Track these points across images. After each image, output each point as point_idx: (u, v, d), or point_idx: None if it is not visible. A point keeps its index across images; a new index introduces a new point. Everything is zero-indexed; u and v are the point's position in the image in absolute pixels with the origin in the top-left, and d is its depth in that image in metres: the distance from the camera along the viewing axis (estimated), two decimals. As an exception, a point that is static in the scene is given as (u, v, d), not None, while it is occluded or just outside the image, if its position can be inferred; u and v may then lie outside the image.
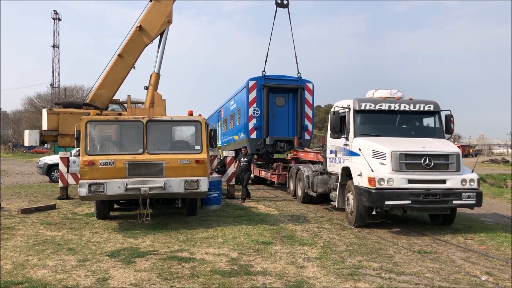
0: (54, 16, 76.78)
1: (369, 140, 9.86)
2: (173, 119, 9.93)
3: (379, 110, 10.23)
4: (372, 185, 8.91)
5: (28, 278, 5.97)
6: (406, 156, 9.10)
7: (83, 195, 8.87)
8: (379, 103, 10.24)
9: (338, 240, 8.50)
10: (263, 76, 17.13)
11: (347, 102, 10.68)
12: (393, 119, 10.44)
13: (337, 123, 10.42)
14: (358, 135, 10.16)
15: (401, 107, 10.25)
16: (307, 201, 13.57)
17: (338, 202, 10.50)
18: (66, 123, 14.46)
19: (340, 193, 10.48)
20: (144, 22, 15.27)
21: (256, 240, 8.33)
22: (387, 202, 8.82)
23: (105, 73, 15.44)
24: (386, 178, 8.90)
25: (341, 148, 10.82)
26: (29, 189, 17.21)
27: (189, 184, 9.25)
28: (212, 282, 5.84)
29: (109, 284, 5.77)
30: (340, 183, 10.42)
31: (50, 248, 7.65)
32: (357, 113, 10.29)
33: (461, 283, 5.96)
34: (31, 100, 69.77)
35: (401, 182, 8.93)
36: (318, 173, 12.71)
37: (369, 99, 10.54)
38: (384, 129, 10.33)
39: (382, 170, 9.08)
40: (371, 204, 9.10)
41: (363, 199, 9.16)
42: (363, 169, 9.27)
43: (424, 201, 8.88)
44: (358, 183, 9.37)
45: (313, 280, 5.99)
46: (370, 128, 10.34)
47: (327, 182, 12.07)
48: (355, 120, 10.27)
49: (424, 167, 9.05)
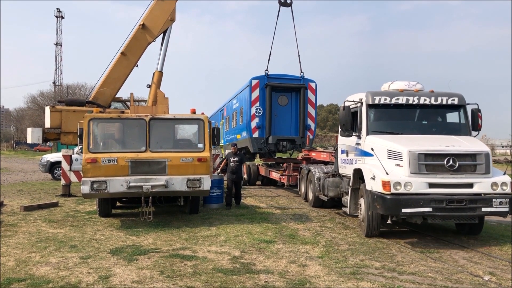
0: (57, 14, 76.87)
1: (384, 138, 8.80)
2: (176, 117, 9.93)
3: (396, 104, 9.12)
4: (386, 190, 7.82)
5: (30, 275, 5.98)
6: (426, 157, 8.00)
7: (86, 192, 8.88)
8: (395, 96, 9.11)
9: (340, 239, 8.49)
10: (266, 75, 17.12)
11: (359, 95, 9.60)
12: (412, 114, 9.36)
13: (348, 120, 9.37)
14: (371, 132, 9.08)
15: (420, 101, 9.10)
16: (318, 205, 12.50)
17: (350, 208, 9.45)
18: (69, 121, 14.49)
19: (352, 198, 9.41)
20: (147, 21, 15.30)
21: (258, 238, 8.32)
22: (404, 209, 7.71)
23: (108, 71, 15.48)
24: (403, 182, 7.81)
25: (353, 148, 9.74)
26: (32, 187, 17.24)
27: (192, 183, 9.25)
28: (214, 280, 5.84)
29: (111, 281, 5.78)
30: (352, 187, 9.37)
31: (53, 245, 7.66)
32: (371, 108, 9.19)
33: (464, 283, 5.95)
34: (34, 98, 69.88)
35: (420, 187, 7.84)
36: (330, 175, 11.69)
37: (384, 92, 9.46)
38: (401, 126, 9.23)
39: (398, 172, 8.03)
40: (386, 211, 7.99)
41: (376, 205, 8.07)
42: (376, 171, 8.21)
43: (447, 209, 7.76)
44: (371, 187, 8.30)
45: (315, 279, 5.98)
46: (385, 125, 9.27)
47: (338, 185, 10.94)
48: (368, 116, 9.19)
49: (447, 169, 7.95)
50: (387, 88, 9.70)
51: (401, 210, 7.75)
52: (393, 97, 9.12)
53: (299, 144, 17.08)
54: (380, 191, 7.96)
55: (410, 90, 9.37)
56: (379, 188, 7.99)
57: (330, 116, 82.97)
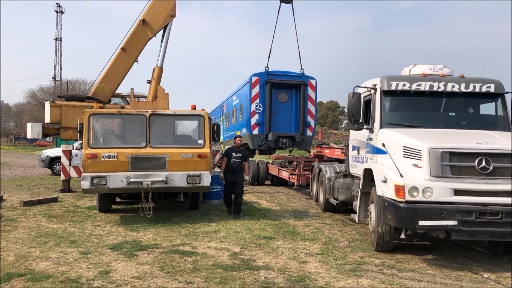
0: (57, 9, 76.57)
1: (400, 132, 7.36)
2: (176, 113, 9.92)
3: (417, 92, 7.70)
4: (400, 197, 6.35)
5: (30, 270, 5.98)
6: (452, 156, 6.45)
7: (86, 188, 8.88)
8: (416, 82, 7.71)
9: (340, 235, 8.50)
10: (266, 71, 17.06)
11: (373, 81, 8.23)
12: (437, 104, 7.91)
13: (358, 109, 7.83)
14: (385, 125, 7.65)
15: (447, 87, 7.66)
16: (329, 209, 11.11)
17: (359, 215, 8.05)
18: (68, 116, 14.47)
19: (362, 203, 8.02)
20: (148, 16, 15.24)
21: (258, 235, 8.33)
22: (421, 221, 6.22)
23: (108, 66, 15.44)
24: (421, 187, 6.31)
25: (364, 143, 8.37)
26: (31, 182, 17.24)
27: (192, 178, 9.25)
28: (214, 276, 5.84)
29: (111, 276, 5.78)
30: (362, 191, 7.97)
31: (53, 241, 7.67)
32: (386, 96, 7.80)
33: (463, 280, 5.96)
34: (34, 93, 69.78)
35: (443, 194, 6.32)
36: (341, 176, 10.29)
37: (403, 76, 8.04)
38: (423, 118, 7.79)
39: (415, 175, 6.57)
40: (398, 223, 6.52)
41: (387, 215, 6.58)
42: (388, 172, 6.76)
43: (478, 222, 6.17)
44: (381, 192, 6.87)
45: (315, 275, 5.99)
46: (403, 116, 7.85)
47: (350, 187, 9.57)
48: (382, 105, 7.79)
49: (478, 172, 6.36)
50: (408, 72, 8.32)
51: (417, 222, 6.25)
52: (414, 83, 7.73)
53: (299, 141, 17.04)
54: (392, 198, 6.51)
55: (435, 74, 7.96)
56: (391, 194, 6.54)
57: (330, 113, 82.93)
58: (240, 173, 10.44)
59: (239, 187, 10.37)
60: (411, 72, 8.26)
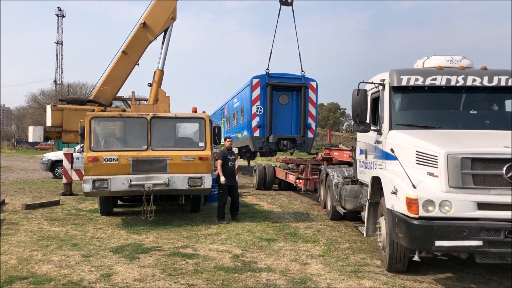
0: (58, 12, 76.86)
1: (412, 134, 6.38)
2: (177, 116, 9.95)
3: (432, 87, 6.73)
4: (413, 212, 5.41)
5: (32, 273, 6.00)
6: (475, 162, 5.45)
7: (87, 191, 8.90)
8: (431, 76, 6.75)
9: (341, 237, 8.50)
10: (266, 74, 17.10)
11: (381, 76, 7.32)
12: (455, 101, 6.90)
13: (364, 108, 6.86)
14: (396, 126, 6.71)
15: (468, 81, 6.66)
16: (337, 217, 10.12)
17: (367, 229, 7.10)
18: (70, 120, 14.53)
19: (370, 215, 7.06)
20: (148, 19, 15.31)
21: (259, 237, 8.34)
22: (438, 242, 5.27)
23: (109, 69, 15.51)
24: (437, 201, 5.37)
25: (372, 147, 7.42)
26: (33, 185, 17.27)
27: (193, 181, 9.26)
28: (216, 278, 5.85)
29: (113, 279, 5.79)
30: (370, 201, 7.01)
31: (54, 244, 7.68)
32: (396, 92, 6.83)
33: (465, 281, 5.96)
34: (35, 97, 69.96)
35: (464, 208, 5.36)
36: (349, 181, 9.43)
37: (415, 70, 7.05)
38: (439, 117, 6.78)
39: (431, 185, 5.61)
40: (411, 244, 5.52)
41: (398, 233, 5.67)
42: (399, 182, 5.81)
43: (508, 242, 5.20)
44: (391, 205, 5.92)
45: (317, 277, 6.00)
46: (416, 116, 6.88)
47: (358, 195, 8.61)
48: (392, 103, 6.83)
49: (507, 182, 5.36)
50: (421, 65, 7.36)
51: (434, 243, 5.28)
52: (428, 77, 6.75)
53: (299, 143, 17.08)
54: (404, 213, 5.57)
55: (453, 67, 6.97)
56: (402, 208, 5.59)
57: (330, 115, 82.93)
58: (234, 176, 10.37)
59: (236, 191, 10.30)
60: (424, 65, 7.28)
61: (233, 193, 10.18)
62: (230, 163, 10.15)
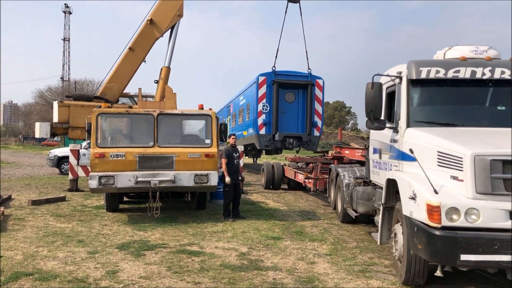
0: (65, 9, 77.05)
1: (431, 132, 5.77)
2: (184, 112, 9.90)
3: (455, 80, 6.09)
4: (434, 221, 4.80)
5: (38, 269, 5.98)
6: (506, 165, 4.85)
7: (94, 187, 8.88)
8: (454, 68, 6.09)
9: (348, 236, 8.42)
10: (273, 71, 17.02)
11: (397, 68, 6.65)
12: (481, 95, 6.20)
13: (378, 104, 6.20)
14: (414, 123, 6.10)
15: (495, 74, 6.00)
16: (348, 220, 9.49)
17: (381, 236, 6.44)
18: (76, 116, 14.54)
19: (385, 221, 6.40)
20: (155, 16, 15.28)
21: (265, 235, 8.28)
22: (464, 256, 4.68)
23: (116, 66, 15.49)
24: (463, 208, 4.79)
25: (387, 146, 6.79)
26: (39, 181, 17.31)
27: (199, 178, 9.22)
28: (222, 277, 5.80)
29: (118, 276, 5.76)
30: (385, 205, 6.39)
31: (60, 240, 7.67)
32: (415, 86, 6.21)
33: (475, 282, 5.87)
34: (42, 93, 70.30)
35: (495, 217, 4.77)
36: (361, 183, 8.76)
37: (436, 61, 6.38)
38: (463, 114, 6.15)
39: (455, 191, 5.03)
40: (432, 257, 4.90)
41: (417, 244, 5.06)
42: (418, 187, 5.20)
43: None
44: (409, 212, 5.30)
45: (324, 276, 5.93)
46: (437, 112, 6.25)
47: (371, 198, 7.92)
48: (410, 98, 6.20)
49: None
50: (442, 57, 6.67)
51: (459, 256, 4.69)
52: (451, 69, 6.11)
53: (305, 141, 17.00)
54: (424, 221, 4.96)
55: (478, 58, 6.29)
56: (422, 216, 4.98)
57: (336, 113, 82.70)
58: (238, 174, 10.25)
59: (239, 188, 10.27)
60: (446, 56, 6.60)
61: (236, 190, 10.10)
62: (236, 160, 10.09)
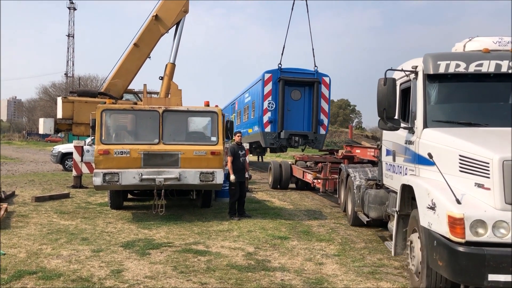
0: (70, 5, 76.96)
1: (452, 133, 5.18)
2: (190, 109, 9.76)
3: (477, 74, 5.52)
4: (457, 235, 4.24)
5: (42, 268, 5.87)
6: None
7: (98, 184, 8.77)
8: (477, 61, 5.51)
9: (356, 236, 8.28)
10: (279, 69, 16.87)
11: (413, 62, 6.08)
12: (506, 91, 5.59)
13: (392, 101, 5.67)
14: (431, 123, 5.56)
15: None
16: (359, 224, 8.89)
17: (395, 246, 5.93)
18: (81, 112, 14.43)
19: (399, 229, 5.87)
20: (161, 11, 15.14)
21: (272, 234, 8.15)
22: (492, 276, 4.12)
23: (120, 62, 15.37)
24: (490, 221, 4.21)
25: (402, 148, 6.22)
26: (43, 177, 17.24)
27: (205, 176, 9.09)
28: (229, 277, 5.68)
29: (123, 276, 5.64)
30: (399, 213, 5.84)
31: (64, 237, 7.56)
32: (432, 81, 5.66)
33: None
34: (46, 89, 70.23)
35: None
36: (373, 185, 8.16)
37: (456, 54, 5.84)
38: (487, 112, 5.57)
39: (481, 201, 4.46)
40: (455, 277, 4.32)
41: (437, 261, 4.48)
42: (437, 195, 4.65)
43: None
44: (427, 223, 4.75)
45: (333, 277, 5.80)
46: (457, 110, 5.67)
47: (384, 202, 7.40)
48: (426, 95, 5.64)
49: None
50: (462, 49, 6.08)
51: (486, 276, 4.13)
52: (473, 62, 5.53)
53: (311, 140, 16.84)
54: (445, 235, 4.40)
55: (503, 50, 5.72)
56: (443, 229, 4.42)
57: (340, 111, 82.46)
58: (244, 172, 10.07)
59: (245, 187, 10.18)
60: (466, 49, 6.00)
61: (242, 189, 9.95)
62: (241, 158, 9.93)
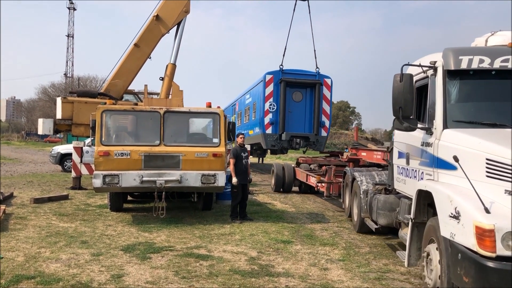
0: (69, 5, 76.79)
1: (476, 134, 4.77)
2: (191, 110, 9.61)
3: (502, 71, 5.13)
4: (487, 249, 3.86)
5: (40, 272, 5.73)
6: None
7: (98, 186, 8.62)
8: (502, 56, 5.12)
9: (360, 241, 8.14)
10: (280, 70, 16.73)
11: (431, 57, 5.67)
12: None
13: (409, 99, 5.24)
14: (452, 123, 5.14)
15: None
16: (366, 231, 8.45)
17: (408, 256, 5.54)
18: (80, 112, 14.28)
19: (414, 239, 5.51)
20: (162, 12, 15.00)
21: (275, 238, 8.01)
22: None
23: (121, 62, 15.23)
24: None
25: (418, 151, 5.78)
26: (42, 178, 17.08)
27: (206, 178, 8.95)
28: (232, 283, 5.54)
29: (124, 281, 5.50)
30: (414, 221, 5.45)
31: (63, 241, 7.41)
32: (453, 78, 5.25)
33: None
34: (45, 89, 70.11)
35: None
36: (382, 190, 7.77)
37: (479, 48, 5.44)
38: None
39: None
40: None
41: (463, 277, 4.09)
42: (462, 203, 4.26)
43: None
44: (450, 234, 4.33)
45: (339, 283, 5.66)
46: (480, 109, 5.26)
47: (394, 208, 6.96)
48: (446, 93, 5.23)
49: None
50: (484, 43, 5.73)
51: None
52: (498, 57, 5.12)
53: (313, 142, 16.71)
54: (471, 248, 4.01)
55: None
56: (469, 242, 4.03)
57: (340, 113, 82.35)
58: (247, 174, 9.86)
59: (247, 189, 9.99)
60: (488, 44, 5.64)
61: (244, 191, 9.76)
62: (244, 160, 9.71)
